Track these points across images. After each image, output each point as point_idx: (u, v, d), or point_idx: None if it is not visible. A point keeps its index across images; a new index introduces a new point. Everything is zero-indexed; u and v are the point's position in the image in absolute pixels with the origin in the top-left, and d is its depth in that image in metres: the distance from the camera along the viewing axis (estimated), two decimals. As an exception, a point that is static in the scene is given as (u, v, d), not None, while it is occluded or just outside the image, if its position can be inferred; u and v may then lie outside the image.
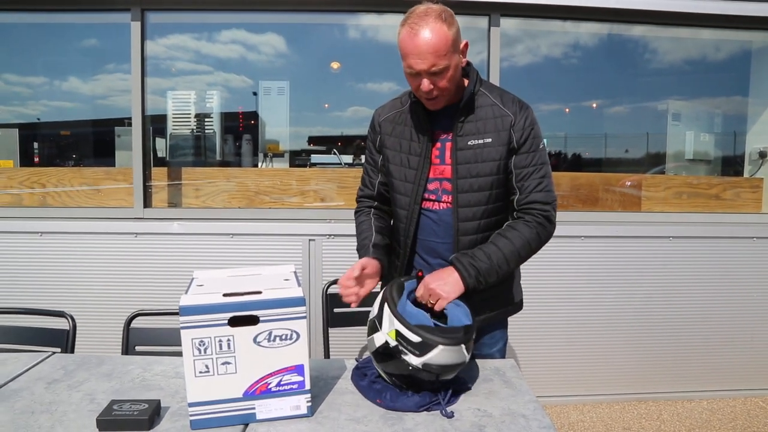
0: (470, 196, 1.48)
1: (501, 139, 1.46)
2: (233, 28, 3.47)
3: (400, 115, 1.59)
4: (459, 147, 1.47)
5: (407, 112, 1.57)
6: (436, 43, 1.32)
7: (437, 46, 1.32)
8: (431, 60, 1.33)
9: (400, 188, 1.56)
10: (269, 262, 2.80)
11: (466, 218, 1.49)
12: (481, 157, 1.46)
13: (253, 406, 1.13)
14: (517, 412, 1.19)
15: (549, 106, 3.73)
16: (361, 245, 1.57)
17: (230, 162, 3.66)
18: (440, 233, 1.54)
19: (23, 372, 1.40)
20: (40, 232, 2.83)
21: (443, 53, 1.34)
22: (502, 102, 1.50)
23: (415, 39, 1.33)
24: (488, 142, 1.46)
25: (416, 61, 1.34)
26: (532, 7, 2.95)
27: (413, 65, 1.35)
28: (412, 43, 1.33)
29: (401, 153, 1.55)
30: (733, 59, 3.60)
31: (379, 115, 1.64)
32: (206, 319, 1.08)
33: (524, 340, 2.96)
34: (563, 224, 2.96)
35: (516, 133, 1.46)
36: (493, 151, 1.46)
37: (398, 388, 1.25)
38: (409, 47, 1.34)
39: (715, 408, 3.01)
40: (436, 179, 1.52)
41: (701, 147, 3.73)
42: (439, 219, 1.53)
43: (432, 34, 1.32)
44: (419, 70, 1.35)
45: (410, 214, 1.55)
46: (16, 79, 3.45)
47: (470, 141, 1.47)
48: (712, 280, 3.05)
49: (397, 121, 1.58)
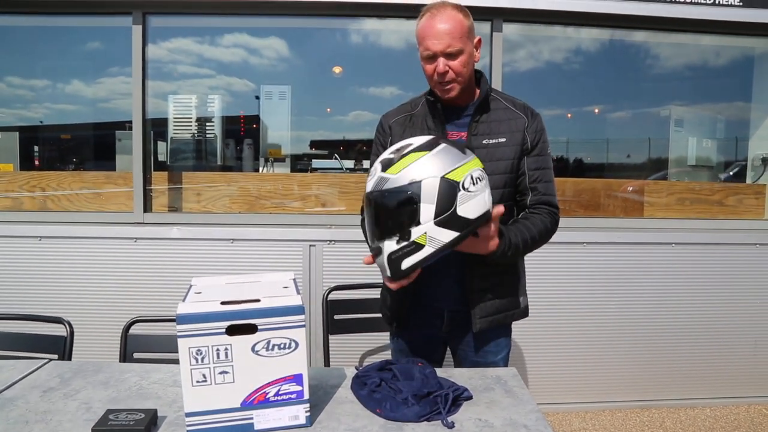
0: None
1: (515, 140, 1.51)
2: (235, 32, 3.47)
3: (410, 118, 1.61)
4: (474, 146, 1.49)
5: (419, 114, 1.60)
6: (453, 25, 1.42)
7: (453, 28, 1.42)
8: (447, 41, 1.41)
9: None
10: (269, 267, 2.79)
11: None
12: (495, 156, 1.50)
13: (251, 416, 1.12)
14: (518, 422, 1.17)
15: (551, 111, 3.73)
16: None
17: (231, 166, 3.65)
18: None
19: (19, 380, 1.38)
20: (39, 236, 2.82)
21: (458, 36, 1.43)
22: (514, 106, 1.56)
23: (433, 21, 1.43)
24: (502, 141, 1.51)
25: (433, 42, 1.42)
26: (534, 13, 2.95)
27: (430, 46, 1.43)
28: (430, 25, 1.43)
29: None
30: (736, 65, 3.59)
31: (387, 118, 1.66)
32: (204, 327, 1.06)
33: (526, 346, 2.94)
34: (565, 230, 2.95)
35: (530, 135, 1.52)
36: (508, 151, 1.51)
37: (396, 392, 1.23)
38: (426, 30, 1.44)
39: (719, 415, 2.98)
40: None
41: (703, 153, 3.72)
42: None
43: (449, 18, 1.43)
44: (435, 51, 1.43)
45: None
46: (20, 81, 3.46)
47: (484, 140, 1.51)
48: (715, 287, 3.03)
49: (407, 124, 1.61)
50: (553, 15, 2.98)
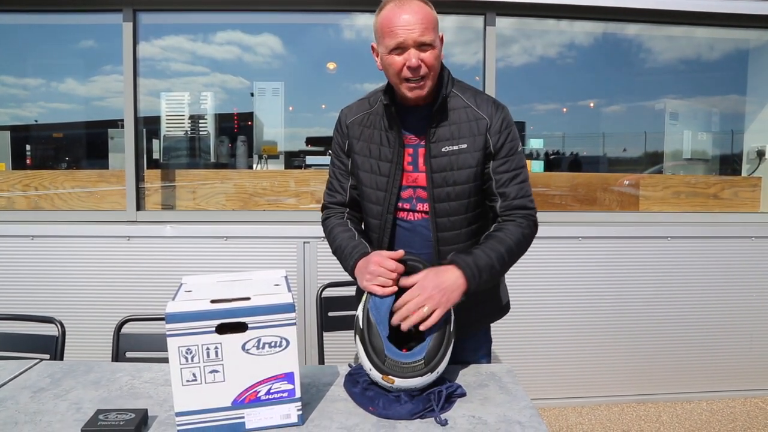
0: (448, 206, 1.41)
1: (477, 144, 1.39)
2: (228, 29, 3.44)
3: (368, 117, 1.49)
4: (433, 154, 1.39)
5: (376, 114, 1.47)
6: (425, 14, 1.31)
7: (426, 17, 1.30)
8: (420, 29, 1.29)
9: (371, 196, 1.47)
10: (263, 265, 2.77)
11: (446, 228, 1.42)
12: (456, 165, 1.39)
13: (242, 415, 1.11)
14: (512, 419, 1.17)
15: (545, 105, 3.72)
16: (355, 246, 1.42)
17: (225, 164, 3.63)
18: (416, 245, 1.44)
19: (9, 380, 1.37)
20: (31, 235, 2.80)
21: (431, 26, 1.31)
22: (476, 104, 1.42)
23: (400, 11, 1.30)
24: (463, 148, 1.39)
25: (404, 30, 1.29)
26: (527, 6, 2.93)
27: (400, 34, 1.29)
28: (399, 14, 1.30)
29: (371, 158, 1.46)
30: (730, 58, 3.59)
31: (345, 116, 1.53)
32: (193, 326, 1.05)
33: (522, 341, 2.94)
34: (560, 225, 2.97)
35: (492, 137, 1.39)
36: (470, 158, 1.39)
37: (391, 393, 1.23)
38: (395, 20, 1.30)
39: (715, 409, 2.99)
40: (410, 187, 1.44)
41: (699, 146, 3.72)
42: (414, 229, 1.46)
43: (418, 8, 1.31)
44: (406, 40, 1.29)
45: (383, 224, 1.45)
46: (13, 81, 3.43)
47: (444, 147, 1.39)
48: (710, 280, 3.03)
49: (365, 124, 1.48)
50: (546, 8, 2.95)
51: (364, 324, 1.25)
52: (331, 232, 1.52)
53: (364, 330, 1.25)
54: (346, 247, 1.44)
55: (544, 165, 3.63)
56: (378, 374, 1.20)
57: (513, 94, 3.42)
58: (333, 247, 1.50)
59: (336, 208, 1.58)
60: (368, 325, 1.25)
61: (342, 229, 1.50)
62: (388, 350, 1.20)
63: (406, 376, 1.18)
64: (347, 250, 1.43)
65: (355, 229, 1.50)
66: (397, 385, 1.19)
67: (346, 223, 1.52)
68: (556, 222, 3.00)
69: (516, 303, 2.88)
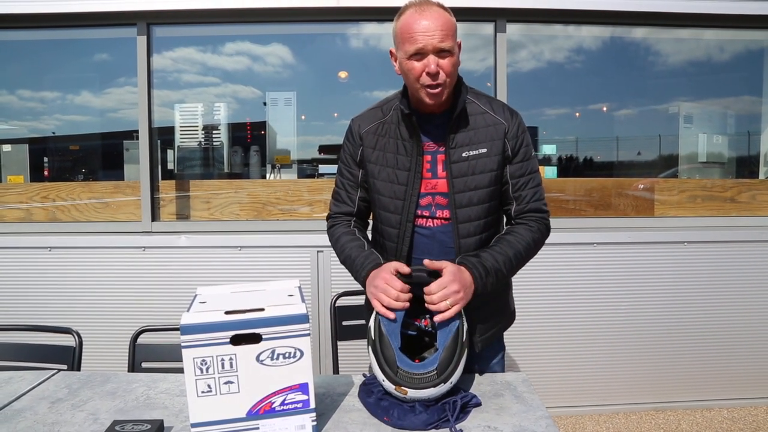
0: (470, 211, 1.41)
1: (496, 149, 1.41)
2: (237, 40, 3.48)
3: (382, 126, 1.48)
4: (453, 159, 1.40)
5: (390, 122, 1.47)
6: (445, 21, 1.31)
7: (446, 24, 1.31)
8: (440, 36, 1.29)
9: (389, 206, 1.46)
10: (277, 274, 2.78)
11: (468, 234, 1.42)
12: (477, 169, 1.40)
13: (257, 426, 1.11)
14: (528, 429, 1.15)
15: (557, 110, 3.69)
16: (367, 256, 1.41)
17: (239, 173, 3.66)
18: (435, 251, 1.43)
19: (27, 391, 1.39)
20: (49, 247, 2.85)
21: (450, 33, 1.32)
22: (492, 109, 1.44)
23: (420, 16, 1.30)
24: (483, 152, 1.40)
25: (424, 36, 1.29)
26: (537, 12, 2.93)
27: (420, 40, 1.29)
28: (419, 20, 1.30)
29: (387, 167, 1.45)
30: (745, 59, 3.54)
31: (358, 126, 1.51)
32: (208, 338, 1.06)
33: (537, 348, 2.91)
34: (575, 231, 2.95)
35: (510, 141, 1.42)
36: (489, 162, 1.40)
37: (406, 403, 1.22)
38: (414, 25, 1.30)
39: (737, 417, 2.93)
40: (428, 194, 1.43)
41: (714, 149, 3.67)
42: (433, 236, 1.44)
43: (439, 14, 1.31)
44: (426, 46, 1.29)
45: (402, 232, 1.44)
46: (30, 94, 3.50)
47: (464, 152, 1.40)
48: (729, 285, 2.98)
49: (380, 133, 1.47)
50: (557, 14, 2.96)
51: (376, 335, 1.25)
52: (338, 240, 1.51)
53: (375, 341, 1.25)
54: (357, 257, 1.43)
55: (558, 170, 3.61)
56: (391, 385, 1.20)
57: (523, 100, 3.40)
58: (342, 256, 1.49)
59: (342, 217, 1.57)
60: (380, 335, 1.24)
61: (350, 238, 1.49)
62: (400, 361, 1.20)
63: (419, 387, 1.18)
64: (358, 260, 1.42)
65: (364, 238, 1.49)
66: (410, 395, 1.19)
67: (353, 232, 1.51)
68: (570, 228, 2.97)
69: (531, 310, 2.88)
